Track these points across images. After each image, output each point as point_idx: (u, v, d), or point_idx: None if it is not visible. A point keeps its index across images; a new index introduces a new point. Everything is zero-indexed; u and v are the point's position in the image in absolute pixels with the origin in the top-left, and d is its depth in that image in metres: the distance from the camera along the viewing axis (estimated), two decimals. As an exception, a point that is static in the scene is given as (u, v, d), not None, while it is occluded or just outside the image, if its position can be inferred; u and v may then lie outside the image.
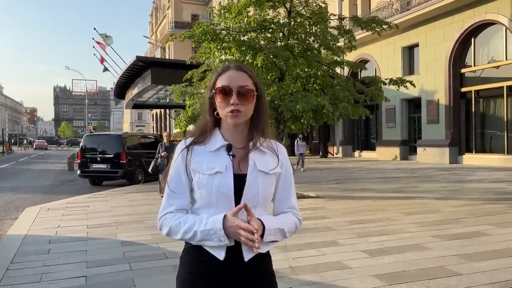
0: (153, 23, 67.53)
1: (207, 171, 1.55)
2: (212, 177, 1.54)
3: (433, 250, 5.14)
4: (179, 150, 1.61)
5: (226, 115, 1.55)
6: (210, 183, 1.53)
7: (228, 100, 1.54)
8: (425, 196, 9.57)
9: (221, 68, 1.63)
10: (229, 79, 1.56)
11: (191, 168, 1.57)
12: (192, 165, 1.57)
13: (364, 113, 9.46)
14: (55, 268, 4.72)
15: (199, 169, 1.56)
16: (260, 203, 1.57)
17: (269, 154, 1.63)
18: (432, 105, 20.13)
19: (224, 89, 1.55)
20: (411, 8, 20.49)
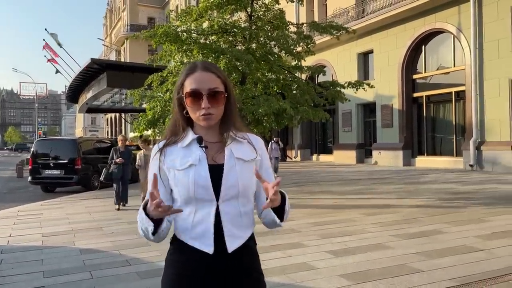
0: (108, 25, 65.84)
1: (181, 166, 1.52)
2: (187, 171, 1.51)
3: (395, 249, 5.30)
4: (153, 154, 1.58)
5: (198, 118, 1.53)
6: (186, 177, 1.50)
7: (198, 103, 1.51)
8: (383, 197, 9.86)
9: (188, 68, 1.59)
10: (198, 82, 1.52)
11: (165, 168, 1.54)
12: (165, 165, 1.54)
13: (324, 116, 9.65)
14: (9, 279, 4.45)
15: (172, 166, 1.53)
16: (241, 193, 1.53)
17: (246, 143, 1.61)
18: (386, 110, 20.83)
19: (194, 93, 1.52)
20: (365, 15, 21.17)
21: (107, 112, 47.14)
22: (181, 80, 1.57)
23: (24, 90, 58.09)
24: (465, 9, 16.71)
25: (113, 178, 9.10)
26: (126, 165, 9.15)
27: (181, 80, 1.57)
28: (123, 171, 9.10)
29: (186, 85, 1.54)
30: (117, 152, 9.18)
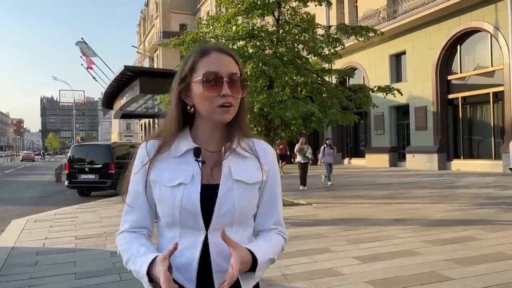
0: (141, 33, 67.49)
1: (168, 183, 1.24)
2: (174, 189, 1.23)
3: (425, 256, 5.14)
4: (139, 155, 1.30)
5: (214, 110, 1.22)
6: (172, 198, 1.23)
7: (216, 90, 1.20)
8: (416, 202, 9.61)
9: (198, 50, 1.27)
10: (216, 64, 1.22)
11: (150, 179, 1.26)
12: (151, 175, 1.26)
13: (353, 120, 9.52)
14: (43, 280, 4.62)
15: (159, 179, 1.25)
16: (236, 221, 1.25)
17: (250, 158, 1.30)
18: (420, 112, 20.32)
19: (213, 77, 1.20)
20: (397, 16, 20.78)
21: (140, 118, 48.28)
22: (190, 65, 1.25)
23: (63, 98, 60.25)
24: (502, 7, 16.12)
25: None
26: None
27: (190, 65, 1.25)
28: None
29: (199, 68, 1.22)
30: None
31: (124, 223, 1.31)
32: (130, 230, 1.30)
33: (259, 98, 8.29)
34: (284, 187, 13.41)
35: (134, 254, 1.22)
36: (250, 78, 8.87)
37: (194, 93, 1.24)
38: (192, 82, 1.24)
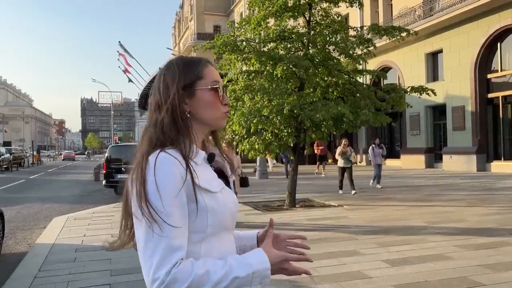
0: (176, 35, 68.77)
1: (216, 188, 1.21)
2: (222, 194, 1.22)
3: (457, 260, 5.05)
4: (171, 165, 1.13)
5: (218, 116, 1.26)
6: (224, 203, 1.21)
7: (219, 99, 1.26)
8: (451, 205, 9.38)
9: (200, 61, 1.30)
10: (217, 75, 1.29)
11: (197, 189, 1.15)
12: (199, 183, 1.15)
13: (385, 121, 9.38)
14: (80, 276, 4.86)
15: (208, 187, 1.18)
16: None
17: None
18: (458, 112, 19.74)
19: (221, 86, 1.27)
20: (434, 14, 20.26)
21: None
22: (196, 72, 1.26)
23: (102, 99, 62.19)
24: (546, 2, 15.44)
25: None
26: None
27: (196, 72, 1.26)
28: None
29: (206, 76, 1.26)
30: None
31: (177, 250, 1.08)
32: (185, 257, 1.10)
33: (289, 100, 8.32)
34: (317, 188, 13.41)
35: (231, 264, 1.12)
36: (280, 80, 8.92)
37: (200, 100, 1.24)
38: (197, 89, 1.24)
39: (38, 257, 5.76)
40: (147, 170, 1.12)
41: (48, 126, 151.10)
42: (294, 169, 9.79)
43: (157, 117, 1.22)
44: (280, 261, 1.18)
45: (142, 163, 1.15)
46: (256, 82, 9.13)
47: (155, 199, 1.09)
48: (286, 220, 8.03)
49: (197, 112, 1.24)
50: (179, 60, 1.30)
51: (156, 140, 1.19)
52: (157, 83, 1.27)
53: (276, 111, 8.34)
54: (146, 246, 1.08)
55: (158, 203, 1.09)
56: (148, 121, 1.27)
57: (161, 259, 1.05)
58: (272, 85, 8.78)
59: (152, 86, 1.30)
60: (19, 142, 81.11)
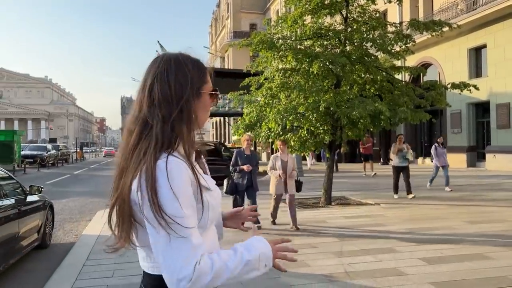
0: (213, 34, 69.54)
1: (212, 186, 1.31)
2: (215, 191, 1.32)
3: (496, 260, 4.96)
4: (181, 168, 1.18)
5: (205, 119, 1.36)
6: (217, 198, 1.32)
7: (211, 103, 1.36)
8: (492, 205, 9.12)
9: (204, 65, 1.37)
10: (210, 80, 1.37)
11: (203, 187, 1.24)
12: (202, 183, 1.25)
13: (424, 118, 9.22)
14: (125, 265, 5.12)
15: (208, 185, 1.28)
16: None
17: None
18: (503, 109, 19.00)
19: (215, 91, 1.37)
20: (477, 7, 19.57)
21: (212, 116, 49.85)
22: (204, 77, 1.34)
23: (140, 97, 63.54)
24: None
25: (238, 190, 7.08)
26: (254, 173, 7.10)
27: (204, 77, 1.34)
28: (251, 181, 7.03)
29: (209, 81, 1.35)
30: (242, 157, 7.08)
31: (198, 247, 1.16)
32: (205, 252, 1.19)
33: (325, 97, 8.34)
34: (354, 186, 13.30)
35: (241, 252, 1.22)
36: (317, 77, 8.95)
37: (202, 103, 1.31)
38: (203, 92, 1.31)
39: (85, 247, 6.10)
40: (159, 176, 1.15)
41: (90, 123, 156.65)
42: (330, 167, 9.79)
43: (164, 114, 1.23)
44: (273, 245, 1.30)
45: (152, 169, 1.16)
46: (292, 79, 9.20)
47: (172, 205, 1.13)
48: (321, 218, 8.07)
49: (197, 113, 1.29)
50: (191, 59, 1.33)
51: (163, 138, 1.21)
52: (164, 75, 1.26)
53: (312, 108, 8.38)
54: (167, 250, 1.13)
55: (176, 209, 1.13)
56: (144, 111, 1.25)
57: (186, 259, 1.12)
58: (308, 82, 8.82)
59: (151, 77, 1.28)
60: (63, 139, 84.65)
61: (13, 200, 5.35)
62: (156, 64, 1.30)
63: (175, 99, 1.24)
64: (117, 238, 1.30)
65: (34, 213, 5.93)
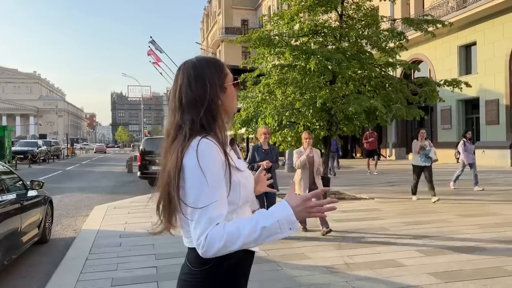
0: (204, 29, 69.32)
1: (244, 168, 1.49)
2: (248, 172, 1.51)
3: (491, 251, 5.12)
4: (213, 150, 1.36)
5: (235, 105, 1.56)
6: (250, 179, 1.50)
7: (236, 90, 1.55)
8: (484, 199, 9.33)
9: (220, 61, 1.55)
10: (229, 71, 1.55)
11: (234, 167, 1.41)
12: (233, 164, 1.42)
13: (418, 114, 9.38)
14: (128, 259, 5.19)
15: (239, 166, 1.46)
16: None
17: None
18: (491, 106, 19.33)
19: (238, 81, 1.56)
20: (467, 5, 19.83)
21: (204, 112, 49.75)
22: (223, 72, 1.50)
23: (131, 93, 63.52)
24: None
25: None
26: (273, 170, 6.11)
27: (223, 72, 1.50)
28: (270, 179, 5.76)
29: (229, 73, 1.52)
30: (259, 152, 6.24)
31: (217, 218, 1.31)
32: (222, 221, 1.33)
33: (321, 94, 8.45)
34: (348, 181, 13.46)
35: (257, 218, 1.33)
36: (313, 73, 9.05)
37: (228, 94, 1.50)
38: (227, 85, 1.49)
39: (86, 241, 6.14)
40: (189, 152, 1.34)
41: (79, 119, 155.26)
42: (326, 162, 9.91)
43: (193, 116, 1.42)
44: (301, 202, 1.35)
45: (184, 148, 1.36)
46: (289, 75, 9.29)
47: (200, 181, 1.32)
48: (318, 212, 8.19)
49: (226, 105, 1.49)
50: (206, 62, 1.50)
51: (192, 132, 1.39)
52: (186, 83, 1.45)
53: (308, 104, 8.49)
54: (193, 220, 1.32)
55: (200, 183, 1.32)
56: (175, 119, 1.45)
57: (203, 228, 1.30)
58: (305, 78, 8.93)
59: (178, 88, 1.47)
60: (53, 135, 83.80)
61: (15, 195, 5.38)
62: (179, 74, 1.50)
63: (199, 102, 1.43)
64: (160, 220, 1.50)
65: (35, 208, 5.97)
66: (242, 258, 1.42)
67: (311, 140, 6.56)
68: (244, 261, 1.46)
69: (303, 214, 1.36)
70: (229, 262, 1.38)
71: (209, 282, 1.40)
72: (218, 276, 1.40)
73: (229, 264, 1.39)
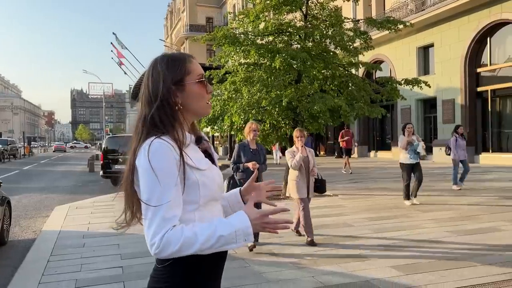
0: (168, 26, 68.37)
1: (204, 166, 1.44)
2: (210, 170, 1.46)
3: (448, 244, 5.36)
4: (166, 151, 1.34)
5: (205, 106, 1.49)
6: (211, 177, 1.45)
7: (205, 90, 1.48)
8: (442, 194, 9.73)
9: (185, 58, 1.49)
10: (200, 68, 1.49)
11: (188, 168, 1.37)
12: (190, 163, 1.38)
13: (380, 113, 9.67)
14: (92, 259, 5.08)
15: (198, 165, 1.41)
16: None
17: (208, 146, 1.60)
18: (448, 105, 20.14)
19: (204, 78, 1.49)
20: (426, 8, 20.56)
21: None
22: (184, 69, 1.45)
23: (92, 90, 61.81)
24: (534, -2, 15.80)
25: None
26: (261, 172, 5.62)
27: (184, 69, 1.45)
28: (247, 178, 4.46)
29: (192, 72, 1.46)
30: (246, 152, 5.58)
31: (172, 219, 1.30)
32: (178, 223, 1.33)
33: (287, 92, 8.55)
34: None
35: (215, 225, 1.33)
36: (279, 72, 9.14)
37: (190, 93, 1.44)
38: (187, 83, 1.44)
39: (48, 243, 5.96)
40: (140, 154, 1.34)
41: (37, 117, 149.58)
42: (291, 160, 10.03)
43: (146, 112, 1.41)
44: (259, 216, 1.36)
45: (137, 150, 1.36)
46: (256, 74, 9.34)
47: (151, 180, 1.31)
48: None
49: (187, 103, 1.44)
50: (165, 58, 1.48)
51: (148, 132, 1.38)
52: (145, 80, 1.46)
53: (274, 102, 8.57)
54: (146, 219, 1.32)
55: (152, 183, 1.30)
56: (138, 116, 1.46)
57: (157, 228, 1.28)
58: (271, 77, 9.01)
59: (142, 83, 1.48)
60: (8, 134, 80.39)
61: (-30, 196, 5.15)
62: (146, 71, 1.50)
63: (153, 97, 1.41)
64: (124, 215, 1.47)
65: (-8, 209, 5.73)
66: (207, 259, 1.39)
67: (303, 138, 5.87)
68: (210, 261, 1.43)
69: (258, 228, 1.38)
70: (187, 261, 1.37)
71: (170, 279, 1.40)
72: (178, 273, 1.39)
73: (187, 263, 1.38)
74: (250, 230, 1.35)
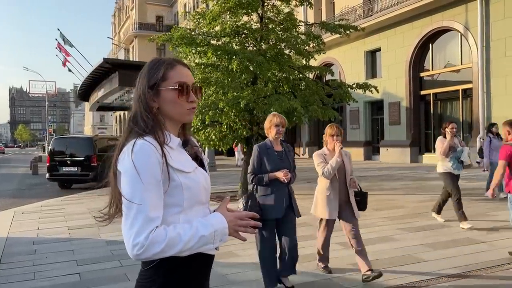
0: (116, 24, 66.41)
1: (189, 169, 1.44)
2: (195, 173, 1.45)
3: (401, 241, 5.63)
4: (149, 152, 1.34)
5: (184, 112, 1.47)
6: (196, 181, 1.44)
7: (185, 97, 1.46)
8: (391, 193, 10.17)
9: (166, 62, 1.49)
10: (183, 76, 1.48)
11: (171, 170, 1.38)
12: (173, 165, 1.39)
13: (333, 115, 9.96)
14: (46, 266, 4.86)
15: (182, 168, 1.41)
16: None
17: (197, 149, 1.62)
18: (394, 107, 21.08)
19: (185, 86, 1.46)
20: (373, 14, 21.40)
21: (117, 110, 47.73)
22: (161, 74, 1.45)
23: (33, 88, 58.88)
24: (472, 8, 16.90)
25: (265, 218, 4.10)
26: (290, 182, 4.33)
27: (161, 74, 1.45)
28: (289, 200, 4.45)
29: (170, 78, 1.45)
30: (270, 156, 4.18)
31: (155, 220, 1.31)
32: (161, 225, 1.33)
33: (244, 94, 8.60)
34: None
35: (197, 226, 1.36)
36: (234, 73, 9.17)
37: (164, 99, 1.45)
38: (162, 89, 1.45)
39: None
40: (124, 154, 1.35)
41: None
42: (247, 161, 10.10)
43: (133, 110, 1.47)
44: (233, 219, 1.42)
45: (122, 149, 1.39)
46: (213, 75, 9.32)
47: (134, 179, 1.31)
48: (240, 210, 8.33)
49: (163, 109, 1.46)
50: (153, 61, 1.52)
51: (131, 130, 1.43)
52: (137, 79, 1.51)
53: (232, 104, 8.59)
54: (128, 218, 1.31)
55: (135, 183, 1.31)
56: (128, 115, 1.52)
57: (140, 227, 1.29)
58: (228, 78, 9.02)
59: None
60: None
61: None
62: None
63: (138, 100, 1.46)
64: (109, 208, 1.48)
65: None
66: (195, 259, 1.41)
67: (340, 138, 4.57)
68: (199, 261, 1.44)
69: (231, 231, 1.42)
70: (175, 262, 1.38)
71: (153, 282, 1.40)
72: (166, 274, 1.40)
73: (176, 264, 1.38)
74: (227, 231, 1.39)
